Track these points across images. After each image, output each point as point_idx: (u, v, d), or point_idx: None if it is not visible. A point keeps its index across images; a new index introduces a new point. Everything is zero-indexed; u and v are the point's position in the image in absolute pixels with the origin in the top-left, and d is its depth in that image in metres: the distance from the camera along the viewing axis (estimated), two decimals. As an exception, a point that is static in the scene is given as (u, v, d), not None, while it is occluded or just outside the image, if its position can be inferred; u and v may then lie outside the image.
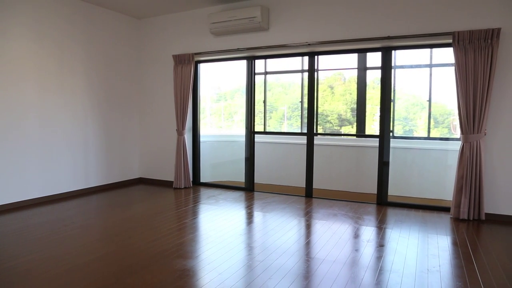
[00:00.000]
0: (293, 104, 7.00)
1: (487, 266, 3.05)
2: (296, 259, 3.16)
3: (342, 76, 6.73)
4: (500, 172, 4.41)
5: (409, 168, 5.45)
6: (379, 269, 2.99)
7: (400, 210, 4.79)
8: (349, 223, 4.22)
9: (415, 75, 5.84)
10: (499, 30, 4.16)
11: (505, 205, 4.40)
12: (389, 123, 4.99)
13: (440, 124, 5.69)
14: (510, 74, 4.28)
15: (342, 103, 6.66)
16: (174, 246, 3.44)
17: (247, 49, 5.55)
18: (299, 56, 5.76)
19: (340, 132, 6.69)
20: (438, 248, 3.47)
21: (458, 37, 4.30)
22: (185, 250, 3.36)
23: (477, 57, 4.23)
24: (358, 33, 4.87)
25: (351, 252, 3.35)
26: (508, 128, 4.34)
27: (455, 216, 4.44)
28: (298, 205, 5.01)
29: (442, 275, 2.89)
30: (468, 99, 4.29)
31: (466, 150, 4.33)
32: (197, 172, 6.35)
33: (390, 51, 4.90)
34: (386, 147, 4.97)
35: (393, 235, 3.84)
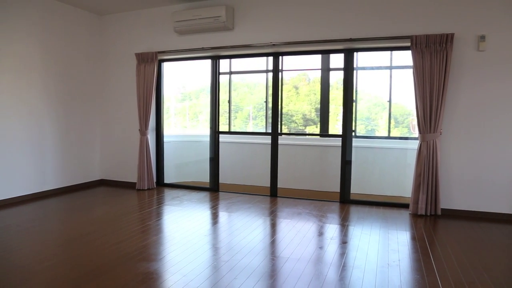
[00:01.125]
0: (259, 104, 7.04)
1: (442, 259, 3.20)
2: (261, 258, 3.18)
3: (307, 76, 6.83)
4: (454, 169, 4.63)
5: (370, 167, 5.61)
6: (342, 265, 3.06)
7: (362, 207, 4.92)
8: (313, 221, 4.29)
9: (376, 76, 6.02)
10: (453, 35, 4.38)
11: (459, 200, 4.64)
12: (351, 123, 5.13)
13: (400, 124, 5.90)
14: (463, 76, 4.52)
15: (307, 103, 6.76)
16: (137, 249, 3.37)
17: (211, 49, 5.52)
18: (264, 56, 5.80)
19: (304, 131, 6.79)
20: (398, 243, 3.60)
21: (416, 40, 4.48)
22: (149, 252, 3.30)
23: (433, 60, 4.42)
24: (322, 34, 4.97)
25: (315, 250, 3.41)
26: (462, 127, 4.58)
27: (414, 212, 4.62)
28: (263, 205, 5.04)
29: (402, 269, 3.00)
30: (425, 100, 4.48)
31: (424, 149, 4.52)
32: (161, 173, 6.25)
33: (352, 53, 5.03)
34: (349, 146, 5.10)
35: (356, 232, 3.94)
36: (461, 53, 4.51)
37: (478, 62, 4.48)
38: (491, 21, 4.42)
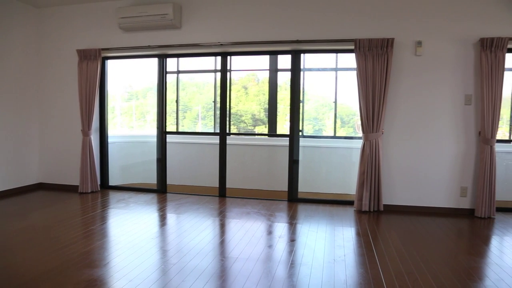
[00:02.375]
0: (207, 104, 6.97)
1: (384, 252, 3.36)
2: (210, 259, 3.16)
3: (256, 77, 6.87)
4: (395, 167, 4.89)
5: (317, 166, 5.75)
6: (290, 263, 3.11)
7: (310, 205, 5.04)
8: (262, 221, 4.33)
9: (323, 78, 6.18)
10: (393, 40, 4.62)
11: (399, 196, 4.91)
12: (299, 123, 5.24)
13: (346, 124, 6.10)
14: (402, 79, 4.79)
15: (256, 103, 6.81)
16: (80, 255, 3.20)
17: (158, 47, 5.40)
18: (212, 56, 5.76)
19: (254, 131, 6.83)
20: (344, 239, 3.72)
21: (359, 44, 4.67)
22: (92, 258, 3.15)
23: (375, 63, 4.63)
24: (270, 35, 5.03)
25: (264, 249, 3.44)
26: (401, 127, 4.85)
27: (358, 208, 4.81)
28: (211, 205, 5.01)
29: (347, 263, 3.10)
30: (368, 101, 4.68)
31: (367, 148, 4.72)
32: (106, 175, 6.01)
33: (299, 54, 5.14)
34: (296, 146, 5.21)
35: (303, 229, 4.03)
36: (401, 56, 4.77)
37: (415, 65, 4.77)
38: (427, 27, 4.72)
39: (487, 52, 4.50)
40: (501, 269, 3.05)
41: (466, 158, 4.78)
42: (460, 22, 4.68)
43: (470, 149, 4.76)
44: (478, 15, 4.64)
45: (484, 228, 4.24)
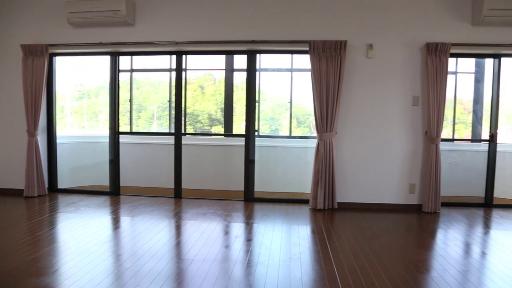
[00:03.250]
0: (163, 103, 6.83)
1: (338, 248, 3.45)
2: (165, 262, 3.09)
3: (213, 76, 6.82)
4: (348, 166, 5.04)
5: (273, 165, 5.80)
6: (247, 262, 3.12)
7: (266, 205, 5.08)
8: (218, 221, 4.31)
9: (279, 78, 6.25)
10: (346, 42, 4.76)
11: (352, 194, 5.06)
12: (255, 123, 5.26)
13: (302, 124, 6.20)
14: (355, 80, 4.95)
15: (213, 103, 6.76)
16: (25, 263, 3.02)
17: (111, 44, 5.21)
18: (167, 54, 5.65)
19: (210, 131, 6.78)
20: (299, 237, 3.78)
21: (314, 45, 4.77)
22: (39, 266, 2.98)
23: (329, 64, 4.75)
24: (226, 35, 5.01)
25: (221, 249, 3.42)
26: (354, 127, 5.00)
27: (313, 207, 4.91)
28: (167, 207, 4.91)
29: (303, 261, 3.15)
30: (322, 101, 4.79)
31: (321, 147, 4.83)
32: (54, 177, 5.71)
33: (254, 55, 5.17)
34: (252, 145, 5.24)
35: (260, 229, 4.05)
36: (353, 58, 4.93)
37: (367, 67, 4.94)
38: (378, 31, 4.91)
39: (432, 56, 4.75)
40: (446, 261, 3.22)
41: (414, 157, 5.02)
42: (408, 27, 4.90)
43: (418, 148, 5.01)
44: (425, 21, 4.89)
45: (430, 222, 4.46)
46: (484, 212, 4.98)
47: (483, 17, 4.69)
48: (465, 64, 6.10)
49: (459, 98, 6.18)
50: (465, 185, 5.58)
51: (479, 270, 3.09)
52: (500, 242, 3.79)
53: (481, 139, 6.00)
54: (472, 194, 5.45)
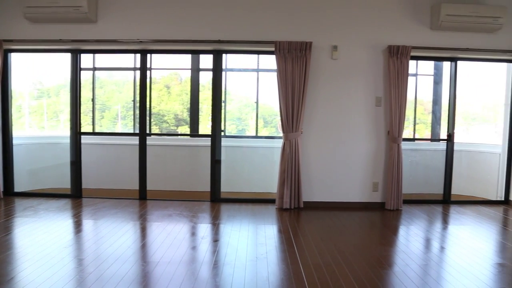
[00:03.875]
0: (127, 103, 6.68)
1: (304, 247, 3.49)
2: (130, 265, 3.02)
3: (179, 76, 6.73)
4: (313, 165, 5.11)
5: (240, 165, 5.80)
6: (213, 263, 3.09)
7: (233, 205, 5.07)
8: (184, 222, 4.25)
9: (246, 78, 6.25)
10: (311, 43, 4.82)
11: (318, 193, 5.14)
12: (221, 123, 5.24)
13: (269, 124, 6.23)
14: (320, 81, 5.03)
15: (179, 103, 6.67)
16: (-22, 269, 2.86)
17: (71, 41, 5.03)
18: (131, 53, 5.52)
19: (177, 132, 6.69)
20: (266, 237, 3.79)
21: (279, 46, 4.80)
22: (-7, 272, 2.84)
23: (295, 65, 4.80)
24: (191, 34, 4.96)
25: (187, 250, 3.38)
26: (319, 127, 5.08)
27: (280, 206, 4.95)
28: (131, 209, 4.80)
29: (269, 260, 3.16)
30: (288, 101, 4.83)
31: (287, 147, 4.87)
32: (10, 180, 5.44)
33: (220, 54, 5.14)
34: (218, 146, 5.21)
35: (226, 229, 4.03)
36: (318, 59, 5.00)
37: (332, 68, 5.03)
38: (342, 33, 5.02)
39: (394, 58, 4.90)
40: (407, 256, 3.33)
41: (377, 156, 5.16)
42: (371, 30, 5.04)
43: (380, 147, 5.15)
44: (387, 24, 5.04)
45: (393, 219, 4.60)
46: (442, 208, 5.19)
47: (441, 22, 4.89)
48: (425, 66, 6.34)
49: (420, 99, 6.42)
50: (425, 182, 5.80)
51: (438, 264, 3.21)
52: (457, 237, 3.97)
53: (439, 139, 6.26)
54: (431, 191, 5.68)
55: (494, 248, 3.69)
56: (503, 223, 4.55)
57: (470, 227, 4.31)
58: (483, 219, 4.67)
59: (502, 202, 5.56)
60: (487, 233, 4.16)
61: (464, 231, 4.16)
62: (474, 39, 5.12)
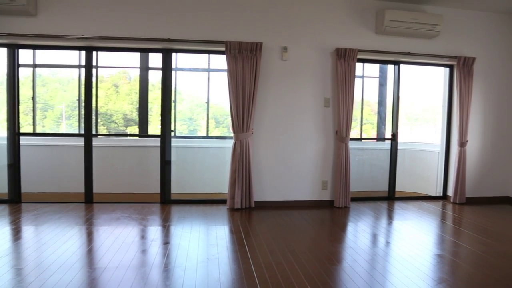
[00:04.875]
0: (72, 102, 6.37)
1: (255, 246, 3.51)
2: (75, 272, 2.87)
3: (128, 75, 6.52)
4: (264, 165, 5.15)
5: (191, 166, 5.72)
6: (164, 266, 3.02)
7: (183, 206, 4.99)
8: (133, 225, 4.13)
9: (197, 78, 6.18)
10: (261, 44, 4.86)
11: (269, 192, 5.19)
12: (170, 123, 5.14)
13: (221, 124, 6.20)
14: (270, 81, 5.08)
15: (128, 102, 6.47)
16: None
17: (7, 36, 4.70)
18: (75, 50, 5.21)
19: (126, 132, 6.48)
20: (217, 237, 3.77)
21: (230, 46, 4.79)
22: None
23: (245, 65, 4.81)
24: (140, 32, 4.82)
25: (136, 254, 3.28)
26: (270, 127, 5.13)
27: (231, 206, 4.94)
28: (76, 213, 4.58)
29: (220, 261, 3.15)
30: (238, 101, 4.83)
31: (238, 147, 4.87)
32: None
33: (170, 53, 5.04)
34: (168, 146, 5.11)
35: (177, 231, 3.96)
36: (269, 60, 5.05)
37: (282, 69, 5.10)
38: (292, 35, 5.10)
39: (342, 60, 5.06)
40: (355, 252, 3.45)
41: (326, 155, 5.29)
42: (320, 32, 5.16)
43: (329, 146, 5.29)
44: (335, 27, 5.19)
45: (341, 217, 4.74)
46: (388, 204, 5.43)
47: (385, 27, 5.12)
48: (371, 69, 6.61)
49: (367, 100, 6.68)
50: (372, 180, 6.05)
51: (384, 258, 3.35)
52: (401, 231, 4.16)
53: (384, 138, 6.55)
54: (377, 188, 5.93)
55: (433, 241, 3.92)
56: (442, 217, 4.84)
57: (412, 222, 4.55)
58: (424, 214, 4.94)
59: (441, 197, 5.92)
60: (427, 226, 4.41)
61: (407, 226, 4.38)
62: (415, 44, 5.41)
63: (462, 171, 5.55)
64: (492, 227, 4.43)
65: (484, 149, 5.82)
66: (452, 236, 4.08)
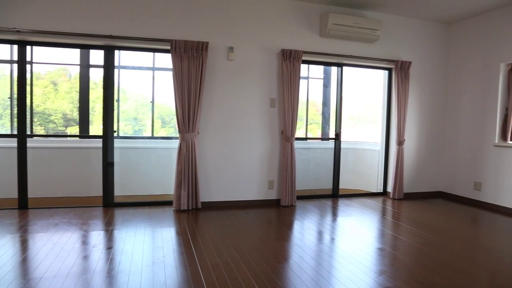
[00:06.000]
0: (4, 100, 5.92)
1: (202, 248, 3.47)
2: (5, 284, 2.67)
3: (68, 72, 6.18)
4: (211, 165, 5.12)
5: (135, 167, 5.55)
6: (107, 272, 2.90)
7: (128, 209, 4.83)
8: (73, 231, 3.92)
9: (141, 76, 6.01)
10: (208, 43, 4.82)
11: (216, 193, 5.16)
12: (113, 123, 4.94)
13: (167, 124, 6.07)
14: (216, 81, 5.05)
15: (68, 101, 6.13)
16: None
17: None
18: (5, 43, 4.84)
19: (65, 133, 6.14)
20: (163, 240, 3.68)
21: (175, 45, 4.70)
22: None
23: (191, 64, 4.74)
24: (80, 27, 4.57)
25: (76, 261, 3.11)
26: (216, 127, 5.11)
27: (177, 208, 4.85)
28: (8, 220, 4.26)
29: (166, 264, 3.08)
30: (184, 101, 4.76)
31: (183, 148, 4.80)
32: None
33: (113, 51, 4.85)
34: (110, 147, 4.92)
35: (121, 235, 3.82)
36: (215, 60, 5.02)
37: (228, 69, 5.09)
38: (238, 35, 5.10)
39: (287, 61, 5.15)
40: (302, 250, 3.52)
41: (272, 155, 5.36)
42: (266, 33, 5.22)
43: (275, 146, 5.36)
44: (281, 29, 5.27)
45: (287, 215, 4.83)
46: (332, 202, 5.61)
47: (329, 30, 5.28)
48: (315, 70, 6.80)
49: (312, 101, 6.86)
50: (317, 179, 6.23)
51: (329, 254, 3.45)
52: (345, 228, 4.32)
53: (328, 138, 6.76)
54: (322, 186, 6.11)
55: (375, 235, 4.10)
56: (382, 212, 5.08)
57: (355, 218, 4.73)
58: (366, 210, 5.16)
59: (381, 194, 6.22)
60: (369, 222, 4.61)
61: (350, 222, 4.55)
62: (357, 47, 5.64)
63: (400, 169, 5.87)
64: (426, 220, 4.72)
65: (420, 148, 6.19)
66: (391, 230, 4.29)
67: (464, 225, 4.60)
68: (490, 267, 3.25)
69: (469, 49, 5.87)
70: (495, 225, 4.64)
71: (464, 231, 4.32)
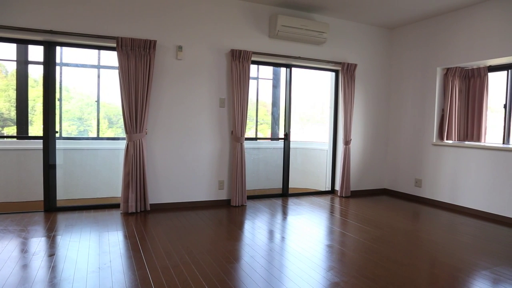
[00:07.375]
0: None
1: (151, 251, 3.39)
2: None
3: (4, 68, 5.78)
4: (160, 166, 5.02)
5: (80, 170, 5.31)
6: (48, 280, 2.75)
7: (71, 214, 4.61)
8: (10, 238, 3.68)
9: (86, 75, 5.75)
10: (155, 42, 4.71)
11: (165, 194, 5.07)
12: (55, 123, 4.69)
13: (115, 125, 5.86)
14: (165, 81, 4.96)
15: (4, 99, 5.73)
16: None
17: None
18: None
19: (2, 133, 5.73)
20: (109, 244, 3.56)
21: (122, 42, 4.56)
22: None
23: (138, 63, 4.62)
24: (17, 21, 4.28)
25: (14, 270, 2.92)
26: (165, 127, 5.02)
27: (125, 211, 4.70)
28: None
29: (113, 269, 2.98)
30: (131, 101, 4.63)
31: (131, 149, 4.66)
32: None
33: (54, 47, 4.60)
34: (52, 149, 4.66)
35: (64, 241, 3.64)
36: (163, 59, 4.93)
37: (177, 68, 5.02)
38: (187, 34, 5.04)
39: (236, 62, 5.16)
40: (253, 249, 3.55)
41: (222, 155, 5.35)
42: (215, 33, 5.20)
43: (225, 146, 5.36)
44: (230, 29, 5.27)
45: (238, 215, 4.84)
46: (282, 201, 5.70)
47: (278, 32, 5.36)
48: (265, 71, 6.87)
49: (262, 101, 6.92)
50: (267, 178, 6.30)
51: (280, 253, 3.50)
52: (295, 226, 4.41)
53: (278, 138, 6.86)
54: (272, 186, 6.19)
55: (323, 232, 4.22)
56: (330, 210, 5.24)
57: (305, 216, 4.85)
58: (315, 208, 5.30)
59: (330, 192, 6.42)
60: (318, 220, 4.74)
61: (300, 220, 4.65)
62: (305, 49, 5.77)
63: (347, 167, 6.09)
64: (371, 216, 4.94)
65: (365, 147, 6.46)
66: (339, 227, 4.44)
67: (406, 220, 4.87)
68: (429, 258, 3.46)
69: (410, 53, 6.22)
70: (434, 219, 4.95)
71: (406, 226, 4.56)
